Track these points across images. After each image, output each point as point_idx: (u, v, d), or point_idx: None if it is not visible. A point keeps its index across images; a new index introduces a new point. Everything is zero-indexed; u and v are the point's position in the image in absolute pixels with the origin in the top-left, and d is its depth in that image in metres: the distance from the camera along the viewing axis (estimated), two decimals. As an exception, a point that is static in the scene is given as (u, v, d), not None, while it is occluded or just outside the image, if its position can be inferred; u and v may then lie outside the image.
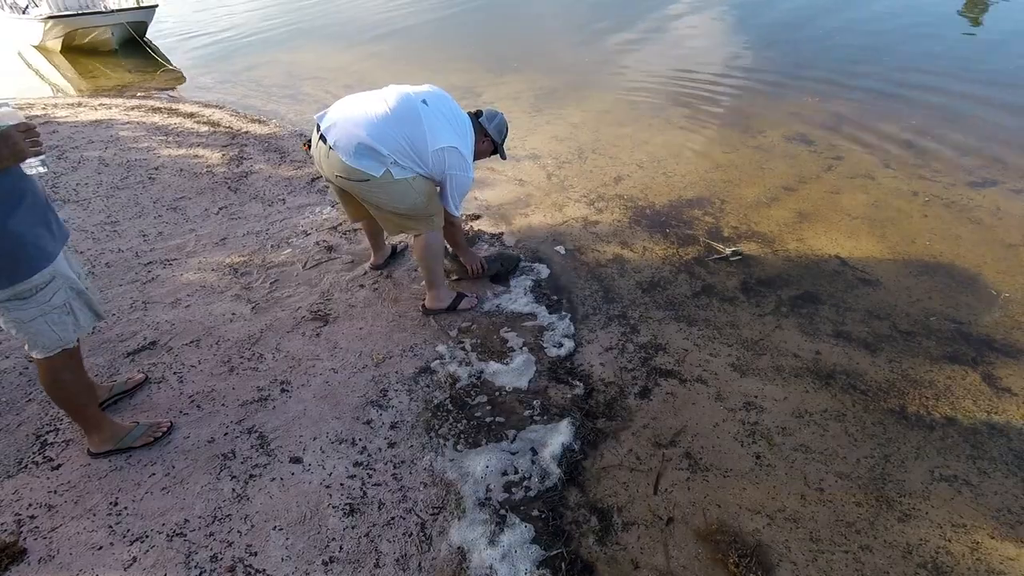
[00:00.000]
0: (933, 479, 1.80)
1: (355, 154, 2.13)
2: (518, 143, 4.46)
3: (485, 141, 2.45)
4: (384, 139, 2.13)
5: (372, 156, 2.14)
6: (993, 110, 4.55)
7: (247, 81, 6.71)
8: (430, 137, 2.16)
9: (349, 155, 2.14)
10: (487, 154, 2.52)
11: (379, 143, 2.12)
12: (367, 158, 2.14)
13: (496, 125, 2.45)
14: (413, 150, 2.17)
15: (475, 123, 2.40)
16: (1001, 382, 2.14)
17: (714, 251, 3.04)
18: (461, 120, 2.32)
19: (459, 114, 2.33)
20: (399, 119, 2.15)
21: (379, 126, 2.13)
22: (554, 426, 2.04)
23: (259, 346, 2.45)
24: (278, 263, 3.05)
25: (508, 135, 2.54)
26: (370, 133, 2.11)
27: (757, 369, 2.27)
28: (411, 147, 2.16)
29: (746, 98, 5.18)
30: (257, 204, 3.69)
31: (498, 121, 2.46)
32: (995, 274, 2.74)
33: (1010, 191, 3.42)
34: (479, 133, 2.41)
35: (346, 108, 2.22)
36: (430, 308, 2.63)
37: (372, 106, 2.17)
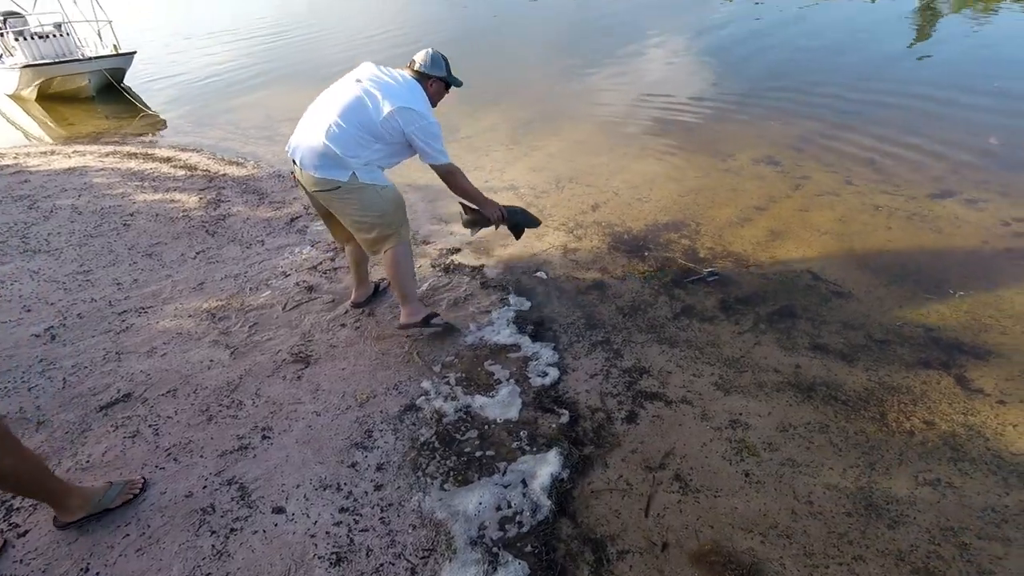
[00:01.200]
0: (918, 484, 1.82)
1: (320, 166, 2.26)
2: (496, 175, 4.53)
3: (432, 83, 2.44)
4: (339, 139, 2.22)
5: (335, 161, 2.25)
6: (944, 123, 4.77)
7: (225, 124, 6.75)
8: (374, 112, 2.23)
9: (315, 167, 2.27)
10: (442, 93, 2.52)
11: (336, 145, 2.22)
12: (332, 166, 2.26)
13: (431, 63, 2.42)
14: (369, 134, 2.25)
15: (416, 74, 2.42)
16: (973, 383, 2.19)
17: (692, 272, 3.09)
18: (399, 80, 2.34)
19: (395, 75, 2.35)
20: (345, 112, 2.24)
21: (332, 129, 2.23)
22: (543, 456, 2.03)
23: (238, 393, 2.41)
24: (257, 306, 3.02)
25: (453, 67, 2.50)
26: (327, 139, 2.22)
27: (740, 386, 2.29)
28: (367, 132, 2.25)
29: (715, 124, 5.36)
30: (235, 247, 3.67)
31: (430, 57, 2.43)
32: (958, 279, 2.83)
33: (966, 200, 3.56)
34: (423, 80, 2.42)
35: (302, 128, 2.34)
36: (404, 323, 2.66)
37: (321, 115, 2.29)
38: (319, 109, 2.33)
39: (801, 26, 9.50)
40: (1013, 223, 3.28)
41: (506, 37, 11.64)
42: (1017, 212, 3.37)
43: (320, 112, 2.30)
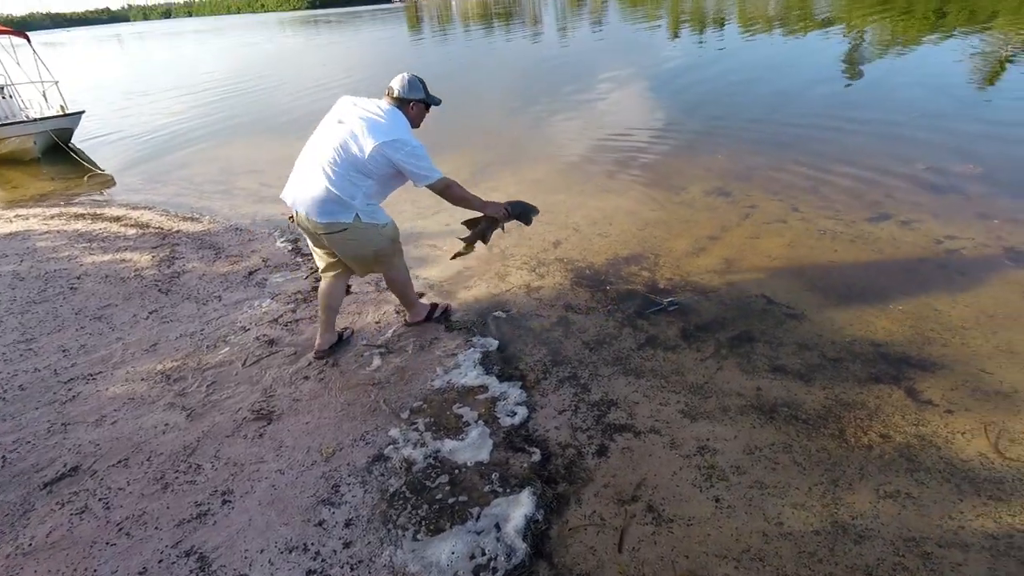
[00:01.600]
0: (879, 497, 1.87)
1: (324, 211, 2.44)
2: (457, 217, 4.57)
3: (412, 106, 2.58)
4: (336, 183, 2.40)
5: (338, 204, 2.43)
6: (876, 150, 5.09)
7: (178, 180, 6.65)
8: (360, 151, 2.37)
9: (319, 214, 2.45)
10: (423, 114, 2.67)
11: (335, 188, 2.39)
12: (335, 211, 2.44)
13: (409, 88, 2.54)
14: (359, 172, 2.41)
15: (395, 101, 2.53)
16: (922, 395, 2.29)
17: (653, 303, 3.16)
18: (378, 112, 2.45)
19: (373, 108, 2.47)
20: (334, 155, 2.40)
21: (327, 174, 2.40)
22: (516, 498, 2.00)
23: (196, 456, 2.31)
24: (215, 364, 2.93)
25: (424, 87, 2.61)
26: (327, 183, 2.39)
27: (706, 412, 2.33)
28: (356, 171, 2.41)
29: (666, 159, 5.58)
30: (191, 304, 3.58)
31: (407, 82, 2.55)
32: (900, 295, 2.98)
33: (901, 223, 3.78)
34: (403, 106, 2.54)
35: (298, 178, 2.52)
36: (411, 322, 3.13)
37: (314, 162, 2.45)
38: (310, 156, 2.48)
39: (742, 64, 10.10)
40: (945, 240, 3.49)
41: (462, 83, 11.97)
42: (948, 231, 3.59)
43: (312, 159, 2.46)
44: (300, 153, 2.56)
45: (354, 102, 2.52)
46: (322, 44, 27.90)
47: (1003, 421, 2.13)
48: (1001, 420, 2.13)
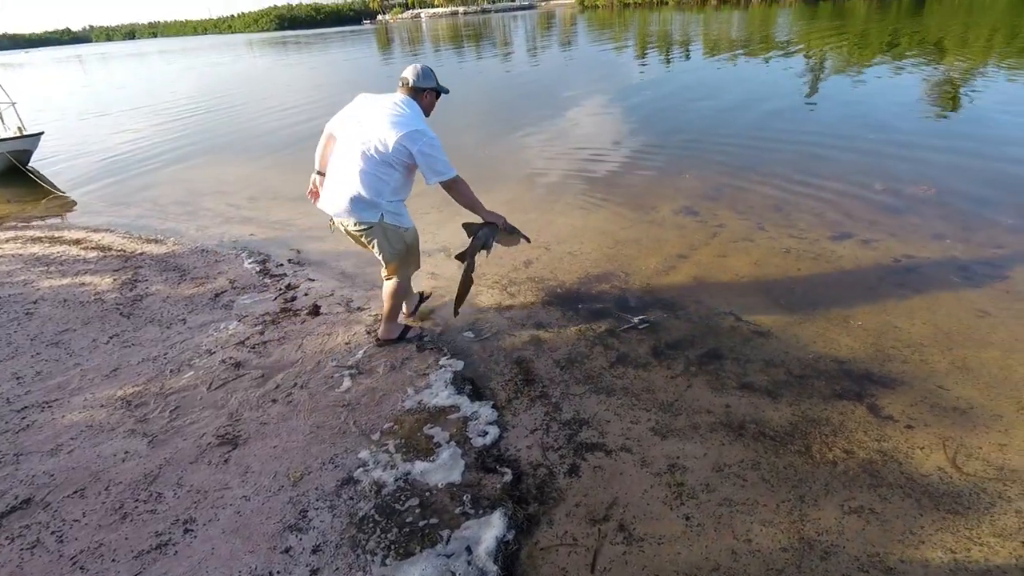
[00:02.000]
0: (844, 512, 1.90)
1: (353, 210, 2.62)
2: (429, 237, 4.58)
3: (426, 95, 2.74)
4: (364, 181, 2.56)
5: (365, 204, 2.60)
6: (836, 171, 5.28)
7: (142, 201, 6.48)
8: (383, 146, 2.50)
9: (349, 213, 2.63)
10: (434, 103, 2.83)
11: (363, 188, 2.57)
12: (363, 209, 2.62)
13: (423, 76, 2.69)
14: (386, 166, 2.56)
15: (410, 91, 2.68)
16: (883, 411, 2.35)
17: (624, 321, 3.20)
18: (395, 105, 2.58)
19: (389, 102, 2.60)
20: (361, 156, 2.55)
21: (355, 175, 2.57)
22: (487, 519, 1.98)
23: (157, 484, 2.23)
24: (178, 388, 2.85)
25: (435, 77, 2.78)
26: (357, 183, 2.56)
27: (676, 430, 2.35)
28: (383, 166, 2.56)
29: (636, 178, 5.69)
30: (154, 328, 3.49)
31: (420, 71, 2.69)
32: (861, 313, 3.07)
33: (862, 242, 3.91)
34: (417, 95, 2.70)
35: (329, 186, 2.72)
36: (383, 339, 3.12)
37: (343, 166, 2.62)
38: (339, 161, 2.66)
39: (706, 86, 10.42)
40: (903, 259, 3.62)
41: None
42: (905, 250, 3.73)
43: (339, 164, 2.64)
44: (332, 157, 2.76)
45: (371, 99, 2.66)
46: (290, 64, 27.87)
47: (960, 436, 2.20)
48: (958, 435, 2.20)
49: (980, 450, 2.12)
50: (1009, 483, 1.97)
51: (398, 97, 2.64)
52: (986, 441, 2.16)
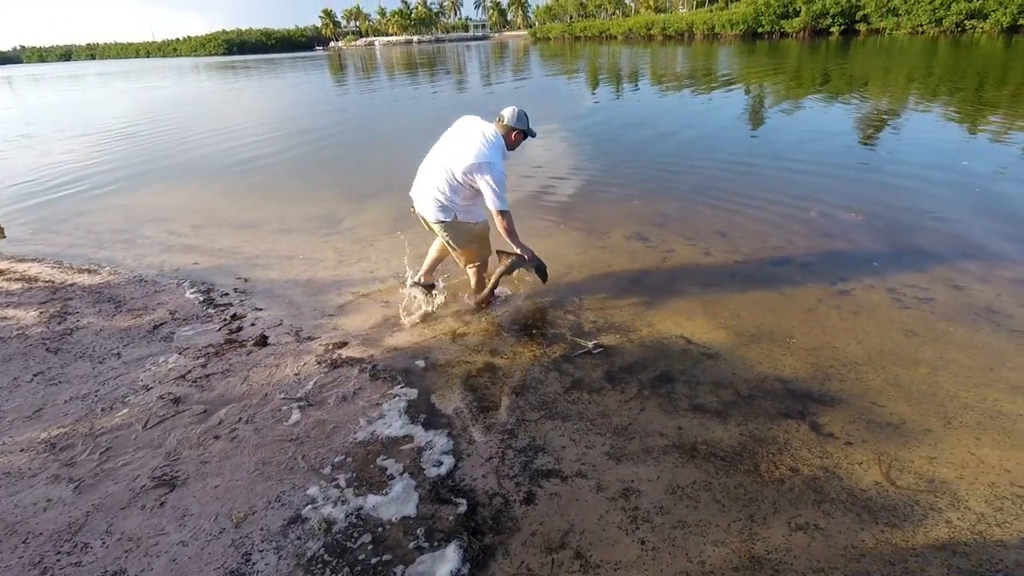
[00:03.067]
0: (791, 530, 1.95)
1: (432, 209, 3.20)
2: (382, 264, 4.53)
3: (515, 134, 3.28)
4: (442, 188, 3.15)
5: (441, 206, 3.18)
6: (775, 198, 5.56)
7: (74, 229, 6.12)
8: (459, 165, 3.08)
9: (428, 210, 3.24)
10: (521, 141, 3.36)
11: (440, 194, 3.16)
12: (440, 210, 3.19)
13: (518, 119, 3.26)
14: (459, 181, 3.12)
15: (504, 128, 3.23)
16: (824, 429, 2.45)
17: (578, 347, 3.23)
18: (484, 136, 3.12)
19: (480, 132, 3.14)
20: (444, 166, 3.15)
21: (436, 181, 3.17)
22: (441, 553, 1.93)
23: (84, 534, 2.08)
24: (110, 428, 2.68)
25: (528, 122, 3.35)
26: (436, 189, 3.17)
27: (630, 453, 2.37)
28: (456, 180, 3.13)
29: (587, 205, 5.82)
30: (84, 363, 3.28)
31: (516, 114, 3.26)
32: (802, 335, 3.21)
33: (801, 265, 4.11)
34: (508, 133, 3.24)
35: (418, 183, 3.31)
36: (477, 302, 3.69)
37: (429, 169, 3.25)
38: (428, 165, 3.26)
39: (655, 116, 10.83)
40: (838, 283, 3.82)
41: (386, 129, 12.06)
42: (840, 273, 3.94)
43: (429, 167, 3.25)
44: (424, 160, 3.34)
45: (470, 123, 3.22)
46: (238, 88, 27.40)
47: (894, 451, 2.30)
48: (892, 450, 2.31)
49: (912, 464, 2.23)
50: (939, 495, 2.08)
51: (490, 130, 3.17)
52: (917, 455, 2.28)
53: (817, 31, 38.67)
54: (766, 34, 41.85)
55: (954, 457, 2.26)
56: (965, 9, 30.48)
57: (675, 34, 51.40)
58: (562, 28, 74.83)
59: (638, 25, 57.45)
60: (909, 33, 33.36)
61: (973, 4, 30.20)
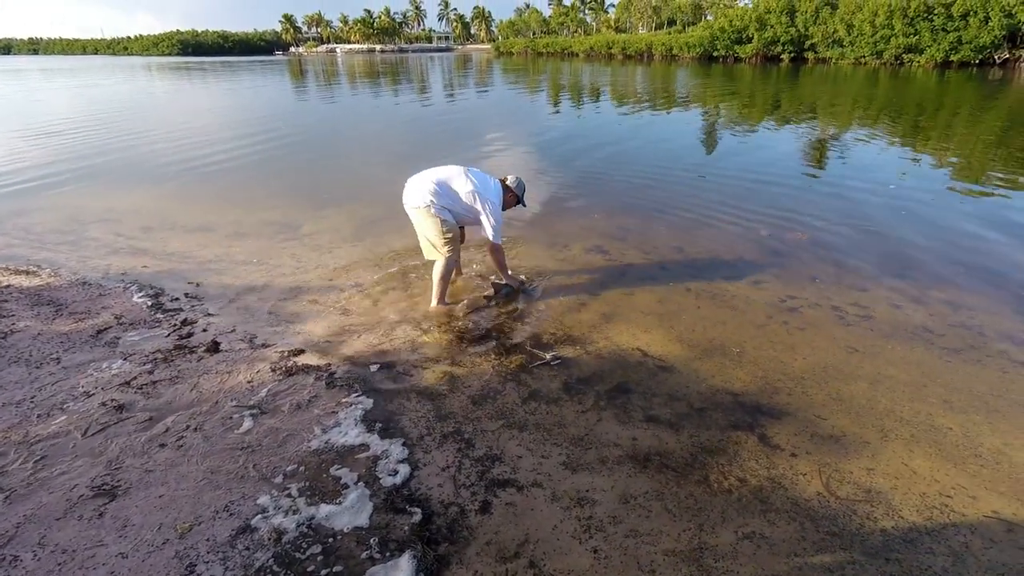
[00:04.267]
0: (738, 538, 2.02)
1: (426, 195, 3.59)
2: (340, 273, 4.47)
3: (509, 195, 3.89)
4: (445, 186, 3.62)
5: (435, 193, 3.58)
6: (726, 217, 5.76)
7: (12, 229, 5.79)
8: (465, 186, 3.62)
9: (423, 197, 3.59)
10: (512, 204, 3.97)
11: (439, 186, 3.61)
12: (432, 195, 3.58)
13: (517, 185, 3.95)
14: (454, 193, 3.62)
15: (504, 185, 3.87)
16: (771, 440, 2.54)
17: (536, 358, 3.26)
18: (488, 181, 3.75)
19: (488, 179, 3.77)
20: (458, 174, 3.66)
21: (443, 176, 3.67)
22: (395, 563, 1.91)
23: (13, 546, 1.96)
24: (46, 436, 2.54)
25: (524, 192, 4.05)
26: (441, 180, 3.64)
27: (585, 463, 2.41)
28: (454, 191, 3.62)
29: (547, 218, 5.89)
30: (19, 368, 3.11)
31: (518, 181, 3.97)
32: (752, 349, 3.33)
33: (752, 282, 4.27)
34: (506, 191, 3.86)
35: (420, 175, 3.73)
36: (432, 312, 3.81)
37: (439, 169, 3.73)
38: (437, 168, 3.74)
39: (615, 133, 11.09)
40: (787, 300, 3.98)
41: (347, 138, 11.94)
42: (788, 291, 4.11)
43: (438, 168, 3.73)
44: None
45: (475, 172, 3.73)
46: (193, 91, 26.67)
47: (835, 463, 2.41)
48: (833, 462, 2.42)
49: (851, 475, 2.34)
50: (875, 504, 2.19)
51: (497, 183, 3.82)
52: (856, 466, 2.39)
53: (768, 57, 40.49)
54: (721, 58, 43.52)
55: (890, 468, 2.38)
56: (903, 44, 32.51)
57: (635, 54, 52.84)
58: (525, 43, 75.83)
59: (599, 44, 58.78)
60: (852, 63, 35.31)
61: (910, 40, 32.24)
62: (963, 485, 2.29)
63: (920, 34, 32.02)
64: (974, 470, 2.38)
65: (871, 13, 33.57)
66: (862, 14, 34.22)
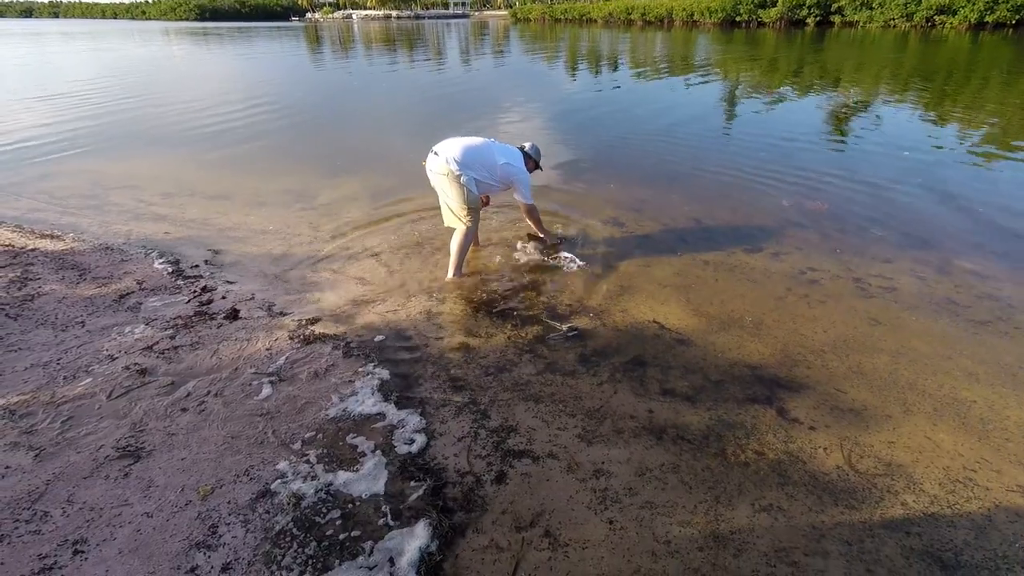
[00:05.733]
0: (755, 511, 2.01)
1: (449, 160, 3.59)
2: (356, 241, 4.46)
3: (530, 162, 4.04)
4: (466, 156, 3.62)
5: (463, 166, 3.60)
6: (746, 188, 5.63)
7: (37, 193, 5.87)
8: (494, 158, 3.75)
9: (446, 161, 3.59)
10: (532, 170, 4.08)
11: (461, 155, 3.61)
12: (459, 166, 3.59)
13: (534, 152, 4.11)
14: (484, 164, 3.70)
15: (523, 152, 4.01)
16: (790, 414, 2.52)
17: (552, 329, 3.24)
18: (513, 152, 3.92)
19: (512, 149, 3.94)
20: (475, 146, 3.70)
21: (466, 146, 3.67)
22: (411, 530, 1.94)
23: (43, 502, 2.03)
24: (73, 397, 2.61)
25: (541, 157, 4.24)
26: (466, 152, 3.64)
27: (601, 435, 2.41)
28: (484, 162, 3.70)
29: (564, 189, 5.79)
30: (46, 331, 3.17)
31: (533, 148, 4.12)
32: (771, 322, 3.28)
33: (772, 255, 4.18)
34: (527, 159, 4.01)
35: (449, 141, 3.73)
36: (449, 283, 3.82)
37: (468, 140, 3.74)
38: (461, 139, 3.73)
39: (629, 101, 10.83)
40: (807, 272, 3.90)
41: (367, 111, 11.81)
42: (808, 263, 4.02)
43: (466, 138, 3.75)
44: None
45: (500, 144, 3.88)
46: (212, 57, 26.52)
47: (855, 436, 2.38)
48: (854, 435, 2.39)
49: (872, 448, 2.31)
50: (896, 478, 2.16)
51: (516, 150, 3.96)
52: (877, 440, 2.36)
53: (793, 22, 38.98)
54: (743, 23, 42.01)
55: (912, 442, 2.35)
56: (935, 4, 31.01)
57: (655, 20, 51.23)
58: (542, 9, 73.80)
59: (618, 10, 56.96)
60: (881, 27, 33.87)
61: (943, 0, 30.75)
62: (987, 459, 2.25)
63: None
64: (999, 443, 2.33)
65: (902, -27, 32.09)
66: (893, -26, 32.73)
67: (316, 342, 3.10)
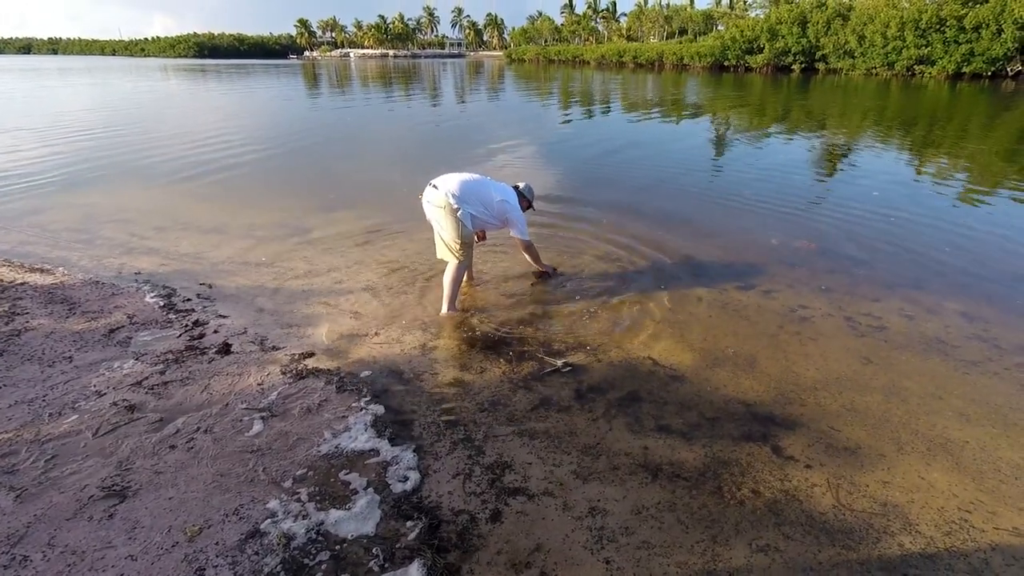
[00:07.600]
0: (752, 551, 1.99)
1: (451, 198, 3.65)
2: (351, 276, 4.47)
3: (523, 200, 4.15)
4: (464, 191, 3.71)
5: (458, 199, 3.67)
6: (736, 225, 5.73)
7: (27, 227, 5.85)
8: (491, 195, 3.86)
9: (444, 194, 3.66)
10: (525, 209, 4.18)
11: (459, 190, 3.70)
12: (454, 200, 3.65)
13: (528, 191, 4.24)
14: (481, 200, 3.80)
15: (516, 190, 4.12)
16: (785, 452, 2.51)
17: (547, 365, 3.24)
18: (508, 190, 4.02)
19: (506, 187, 4.04)
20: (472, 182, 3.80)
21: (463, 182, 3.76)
22: (404, 570, 1.90)
23: (23, 546, 1.96)
24: (58, 435, 2.55)
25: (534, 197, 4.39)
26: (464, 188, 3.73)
27: (596, 472, 2.38)
28: (481, 198, 3.80)
29: (559, 224, 5.86)
30: (32, 366, 3.12)
31: (527, 187, 4.25)
32: (766, 359, 3.30)
33: (764, 292, 4.24)
34: (520, 198, 4.12)
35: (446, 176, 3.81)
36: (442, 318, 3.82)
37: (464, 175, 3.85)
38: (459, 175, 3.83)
39: (625, 142, 11.08)
40: (799, 309, 3.95)
41: (362, 145, 12.00)
42: (800, 301, 4.08)
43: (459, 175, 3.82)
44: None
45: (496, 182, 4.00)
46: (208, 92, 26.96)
47: (850, 475, 2.38)
48: (849, 474, 2.38)
49: (867, 488, 2.31)
50: (892, 519, 2.15)
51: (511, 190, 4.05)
52: (872, 479, 2.36)
53: (779, 67, 40.44)
54: (732, 67, 43.51)
55: (906, 482, 2.35)
56: (915, 55, 32.38)
57: (646, 63, 52.92)
58: (537, 51, 76.13)
59: (610, 52, 58.91)
60: (864, 74, 35.18)
61: (922, 51, 32.10)
62: (982, 500, 2.25)
63: (932, 45, 31.90)
64: (993, 485, 2.33)
65: (883, 24, 33.52)
66: (874, 25, 34.16)
67: (309, 377, 3.07)
